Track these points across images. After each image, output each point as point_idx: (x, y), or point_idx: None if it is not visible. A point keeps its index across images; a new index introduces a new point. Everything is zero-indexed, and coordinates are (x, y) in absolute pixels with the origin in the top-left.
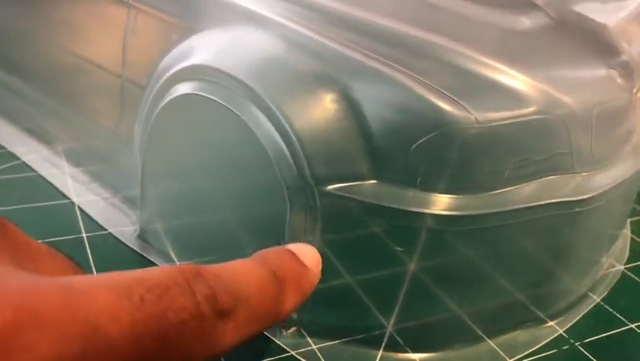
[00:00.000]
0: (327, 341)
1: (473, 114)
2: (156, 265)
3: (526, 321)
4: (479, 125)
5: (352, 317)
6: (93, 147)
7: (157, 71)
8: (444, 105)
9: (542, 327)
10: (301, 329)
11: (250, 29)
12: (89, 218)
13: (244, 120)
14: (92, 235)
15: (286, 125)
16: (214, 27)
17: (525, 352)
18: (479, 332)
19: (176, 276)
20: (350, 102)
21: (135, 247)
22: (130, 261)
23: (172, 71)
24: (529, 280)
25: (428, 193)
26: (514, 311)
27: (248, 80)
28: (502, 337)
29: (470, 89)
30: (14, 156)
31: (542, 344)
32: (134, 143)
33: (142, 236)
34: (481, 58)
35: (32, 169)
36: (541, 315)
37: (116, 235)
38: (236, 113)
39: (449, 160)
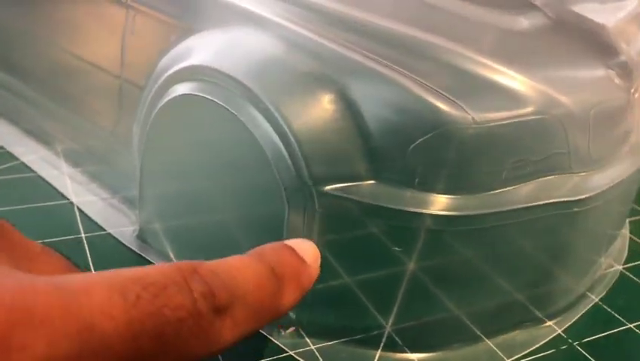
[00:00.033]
0: (326, 341)
1: (471, 114)
2: None
3: (525, 321)
4: (477, 125)
5: (351, 317)
6: (92, 148)
7: (155, 72)
8: (442, 106)
9: (541, 327)
10: (300, 329)
11: (249, 30)
12: (87, 218)
13: (242, 121)
14: (91, 235)
15: (284, 125)
16: (213, 28)
17: (523, 352)
18: (478, 332)
19: (173, 273)
20: (348, 103)
21: (134, 248)
22: (129, 261)
23: (170, 71)
24: (528, 280)
25: (426, 193)
26: (513, 311)
27: (246, 80)
28: (501, 337)
29: (468, 89)
30: (13, 157)
31: (541, 344)
32: (132, 143)
33: (141, 236)
34: (479, 58)
35: (31, 169)
36: (540, 315)
37: (115, 235)
38: (234, 113)
39: (447, 160)
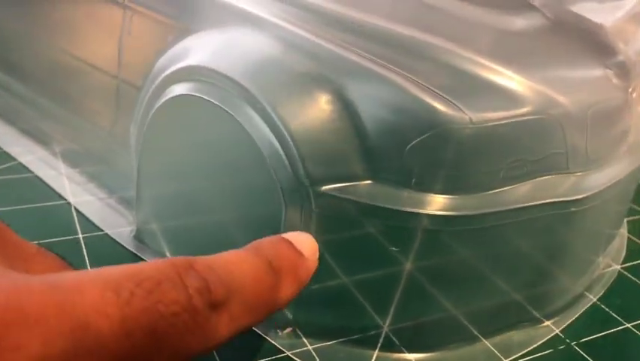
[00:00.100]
0: (323, 341)
1: (468, 115)
2: None
3: (522, 321)
4: (474, 125)
5: (348, 317)
6: (90, 148)
7: (153, 72)
8: (438, 106)
9: (538, 327)
10: (297, 329)
11: (246, 30)
12: (85, 219)
13: (239, 121)
14: (89, 235)
15: (281, 126)
16: (210, 28)
17: (521, 352)
18: (475, 331)
19: (168, 269)
20: (345, 103)
21: (131, 248)
22: (126, 262)
23: (168, 72)
24: (525, 280)
25: (423, 193)
26: (510, 311)
27: (243, 81)
28: (498, 337)
29: (465, 89)
30: (11, 157)
31: (538, 344)
32: (129, 144)
33: (138, 237)
34: (476, 58)
35: (29, 170)
36: (537, 315)
37: (112, 235)
38: (231, 114)
39: (444, 160)
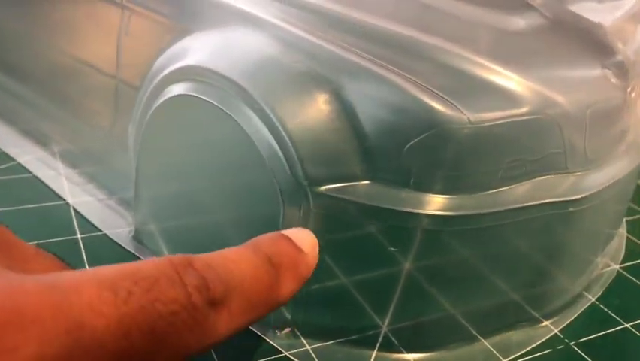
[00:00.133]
0: (322, 341)
1: (466, 114)
2: None
3: (521, 321)
4: (472, 125)
5: (347, 317)
6: (88, 149)
7: (151, 72)
8: (437, 106)
9: (537, 327)
10: (295, 329)
11: (244, 30)
12: (84, 219)
13: (237, 121)
14: (87, 236)
15: (279, 126)
16: (208, 28)
17: (520, 352)
18: (474, 331)
19: (165, 267)
20: (343, 103)
21: (130, 249)
22: (125, 262)
23: (166, 72)
24: (524, 280)
25: (422, 193)
26: (509, 311)
27: (241, 81)
28: (497, 337)
29: (464, 89)
30: (9, 158)
31: (537, 344)
32: (128, 144)
33: (137, 237)
34: (475, 58)
35: (27, 170)
36: (536, 315)
37: (111, 236)
38: (229, 114)
39: (442, 160)
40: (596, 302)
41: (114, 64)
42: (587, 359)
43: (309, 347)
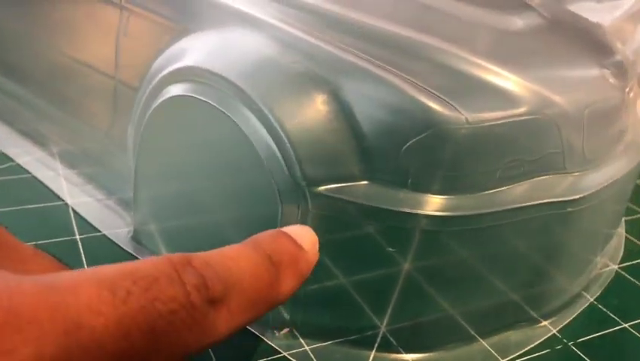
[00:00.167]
0: (320, 341)
1: (464, 115)
2: None
3: (520, 321)
4: (470, 125)
5: (345, 317)
6: (87, 149)
7: (149, 73)
8: (435, 106)
9: (535, 327)
10: (294, 329)
11: (242, 31)
12: (82, 220)
13: (236, 122)
14: (86, 236)
15: (277, 126)
16: (206, 29)
17: (518, 352)
18: (472, 332)
19: (164, 266)
20: (341, 103)
21: (129, 249)
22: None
23: (164, 72)
24: (523, 280)
25: (420, 194)
26: (508, 311)
27: (239, 81)
28: (496, 337)
29: (462, 89)
30: (8, 158)
31: (535, 344)
32: (127, 145)
33: (136, 238)
34: (472, 59)
35: (26, 171)
36: (535, 315)
37: (109, 236)
38: (227, 114)
39: (440, 161)
40: (595, 302)
41: (113, 65)
42: (586, 359)
43: (307, 348)
